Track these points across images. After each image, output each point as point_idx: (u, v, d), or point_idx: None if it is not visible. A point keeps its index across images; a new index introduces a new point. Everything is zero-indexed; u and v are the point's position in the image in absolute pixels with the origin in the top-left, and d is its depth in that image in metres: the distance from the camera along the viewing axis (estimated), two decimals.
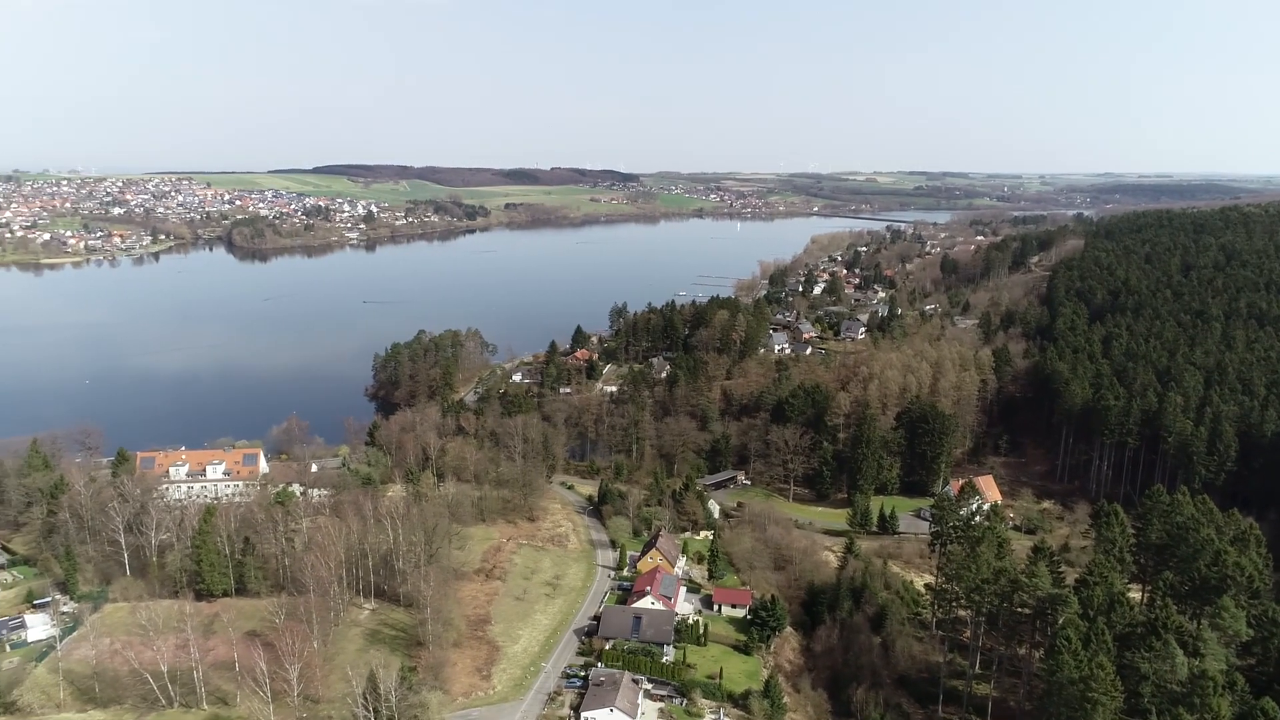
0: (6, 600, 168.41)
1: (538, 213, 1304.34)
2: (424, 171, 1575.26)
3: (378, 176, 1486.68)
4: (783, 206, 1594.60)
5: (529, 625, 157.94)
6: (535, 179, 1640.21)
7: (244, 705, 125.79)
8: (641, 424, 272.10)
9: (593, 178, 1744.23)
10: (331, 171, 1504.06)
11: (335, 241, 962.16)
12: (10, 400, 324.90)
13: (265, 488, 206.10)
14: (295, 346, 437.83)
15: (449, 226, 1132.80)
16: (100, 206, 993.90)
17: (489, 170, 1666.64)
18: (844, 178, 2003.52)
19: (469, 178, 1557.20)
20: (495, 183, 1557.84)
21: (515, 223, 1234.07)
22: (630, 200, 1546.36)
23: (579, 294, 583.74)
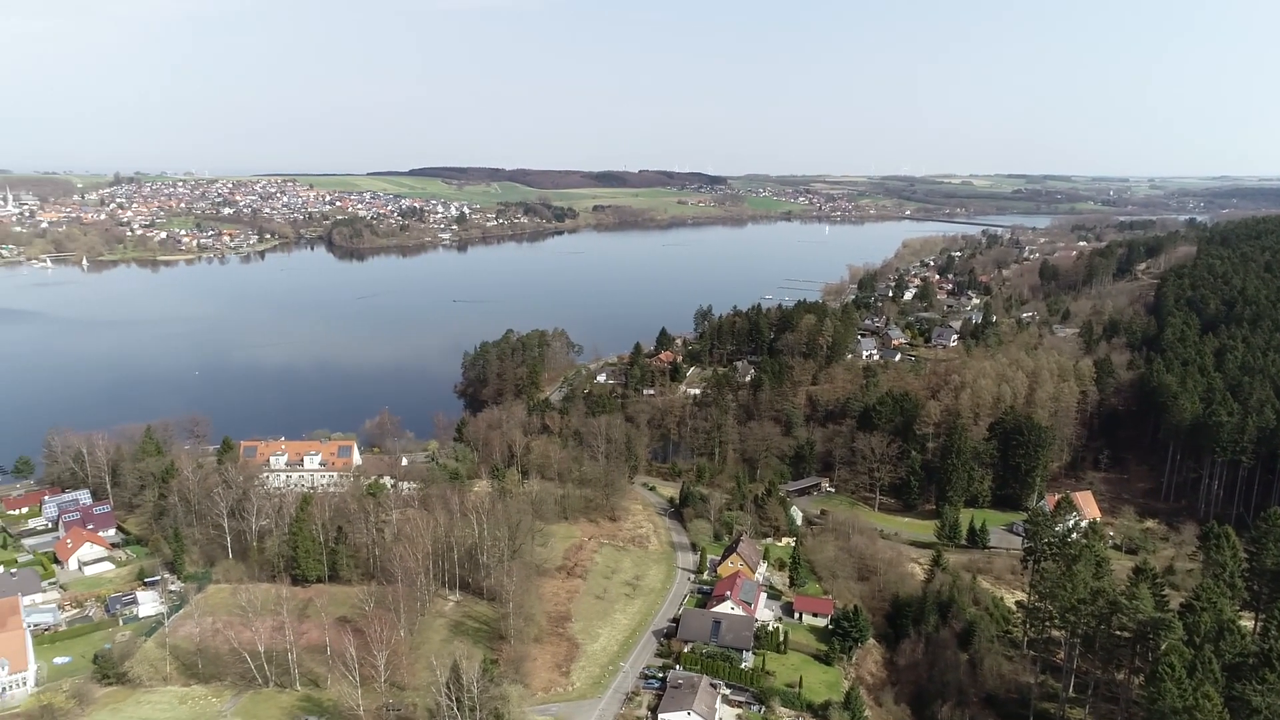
0: (120, 577, 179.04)
1: (625, 215, 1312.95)
2: (515, 174, 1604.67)
3: (470, 179, 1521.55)
4: (873, 210, 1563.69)
5: (608, 624, 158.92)
6: (623, 181, 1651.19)
7: (334, 688, 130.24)
8: (725, 427, 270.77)
9: (680, 180, 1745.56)
10: (426, 174, 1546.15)
11: (429, 242, 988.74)
12: (128, 390, 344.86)
13: (358, 479, 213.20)
14: (388, 343, 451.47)
15: (538, 228, 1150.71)
16: (212, 207, 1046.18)
17: (578, 173, 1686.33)
18: (938, 181, 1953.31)
19: (558, 180, 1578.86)
20: (584, 185, 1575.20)
21: (603, 224, 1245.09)
22: (718, 203, 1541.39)
23: (664, 296, 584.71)
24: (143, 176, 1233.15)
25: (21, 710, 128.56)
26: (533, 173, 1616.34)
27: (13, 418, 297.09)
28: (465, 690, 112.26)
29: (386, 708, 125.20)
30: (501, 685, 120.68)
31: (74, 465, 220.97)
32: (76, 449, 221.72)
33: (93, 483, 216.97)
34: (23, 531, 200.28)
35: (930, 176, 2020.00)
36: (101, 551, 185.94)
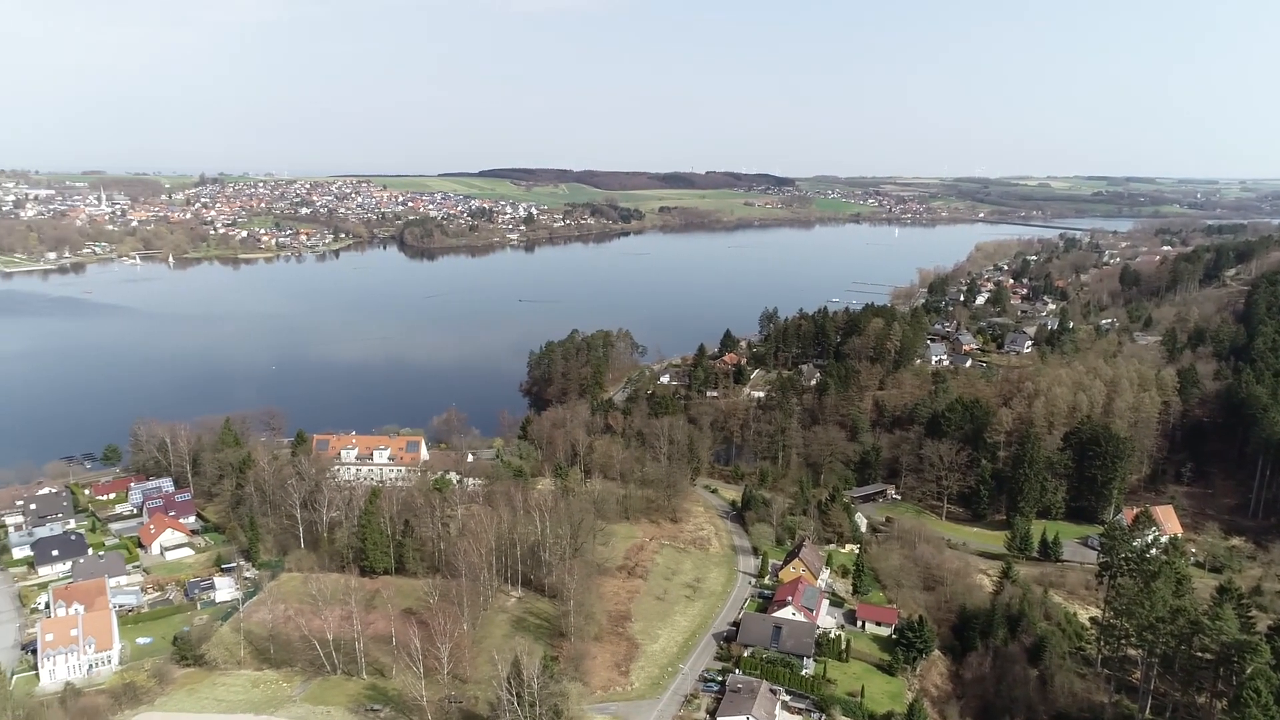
0: (199, 563, 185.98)
1: (691, 216, 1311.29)
2: (582, 175, 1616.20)
3: (539, 180, 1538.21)
4: (945, 212, 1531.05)
5: (668, 625, 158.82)
6: (690, 183, 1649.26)
7: (399, 678, 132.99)
8: (789, 431, 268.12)
9: (747, 181, 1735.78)
10: (496, 175, 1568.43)
11: (497, 242, 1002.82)
12: (209, 382, 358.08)
13: (425, 474, 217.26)
14: (456, 342, 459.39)
15: (604, 229, 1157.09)
16: (290, 206, 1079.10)
17: (645, 174, 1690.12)
18: (1014, 183, 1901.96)
19: (625, 181, 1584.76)
20: (650, 186, 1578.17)
21: (668, 226, 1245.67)
22: (785, 204, 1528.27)
23: (729, 298, 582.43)
24: (226, 177, 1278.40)
25: (107, 687, 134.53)
26: (600, 174, 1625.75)
27: (103, 407, 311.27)
28: (526, 686, 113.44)
29: (449, 699, 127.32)
30: (561, 682, 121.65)
31: (158, 454, 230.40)
32: (160, 438, 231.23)
33: (175, 471, 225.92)
34: (110, 516, 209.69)
35: (1006, 178, 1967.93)
36: (182, 538, 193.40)
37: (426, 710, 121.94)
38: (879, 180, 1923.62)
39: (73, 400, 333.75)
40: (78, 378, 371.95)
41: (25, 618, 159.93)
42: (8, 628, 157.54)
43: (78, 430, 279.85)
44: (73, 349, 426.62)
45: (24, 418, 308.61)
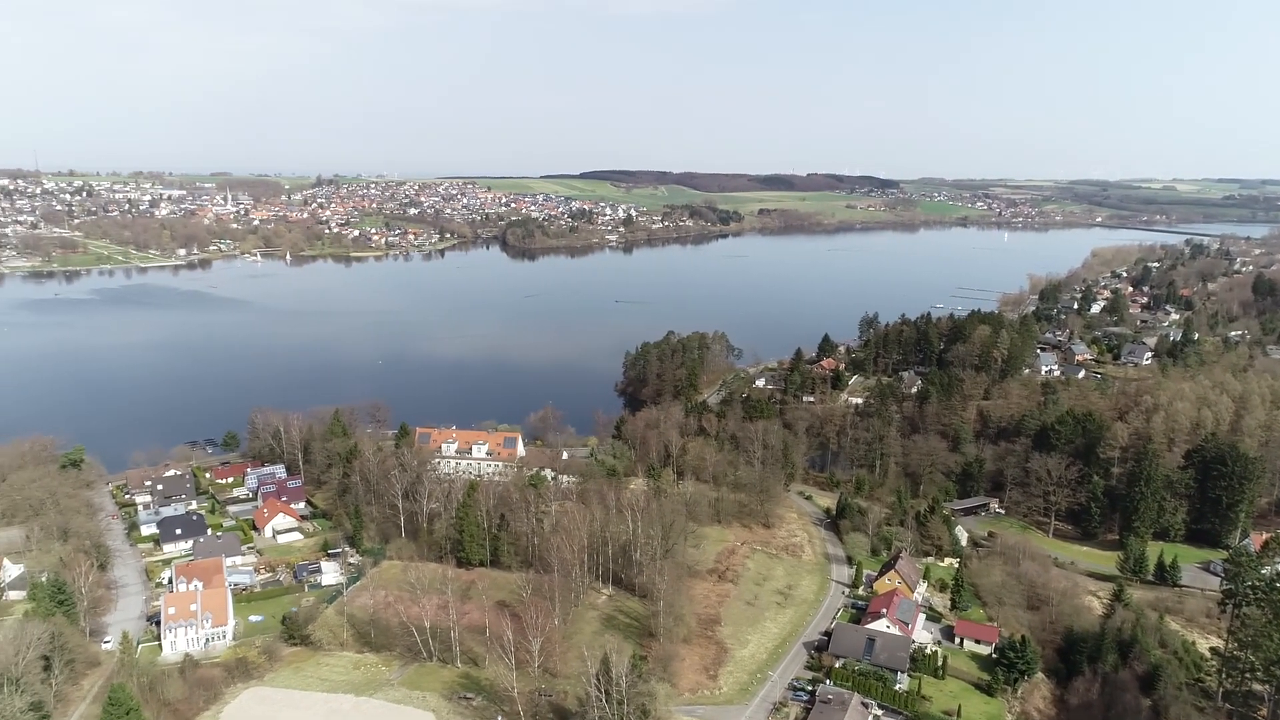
0: (307, 547, 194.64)
1: (791, 218, 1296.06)
2: (682, 177, 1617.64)
3: (638, 182, 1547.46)
4: (1059, 216, 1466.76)
5: (758, 631, 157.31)
6: (790, 185, 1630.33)
7: (491, 669, 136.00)
8: (887, 439, 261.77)
9: (850, 184, 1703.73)
10: (596, 177, 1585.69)
11: (596, 243, 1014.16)
12: (320, 374, 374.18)
13: (521, 470, 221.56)
14: (554, 340, 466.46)
15: (702, 231, 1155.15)
16: (400, 207, 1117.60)
17: (745, 176, 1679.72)
18: (1135, 185, 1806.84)
19: (725, 183, 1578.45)
20: (750, 188, 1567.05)
21: (768, 228, 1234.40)
22: (888, 207, 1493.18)
23: (827, 302, 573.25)
24: (340, 179, 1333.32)
25: (221, 660, 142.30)
26: (699, 176, 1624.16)
27: (224, 395, 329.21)
28: (614, 683, 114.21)
29: (539, 692, 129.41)
30: (649, 682, 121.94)
31: (272, 442, 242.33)
32: (275, 427, 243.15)
33: (287, 458, 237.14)
34: (228, 499, 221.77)
35: (1126, 181, 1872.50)
36: (292, 522, 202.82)
37: (517, 701, 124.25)
38: (988, 183, 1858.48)
39: (197, 388, 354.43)
40: (202, 367, 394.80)
41: (150, 591, 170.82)
42: (135, 600, 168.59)
43: (201, 416, 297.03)
44: (198, 340, 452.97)
45: (154, 403, 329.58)
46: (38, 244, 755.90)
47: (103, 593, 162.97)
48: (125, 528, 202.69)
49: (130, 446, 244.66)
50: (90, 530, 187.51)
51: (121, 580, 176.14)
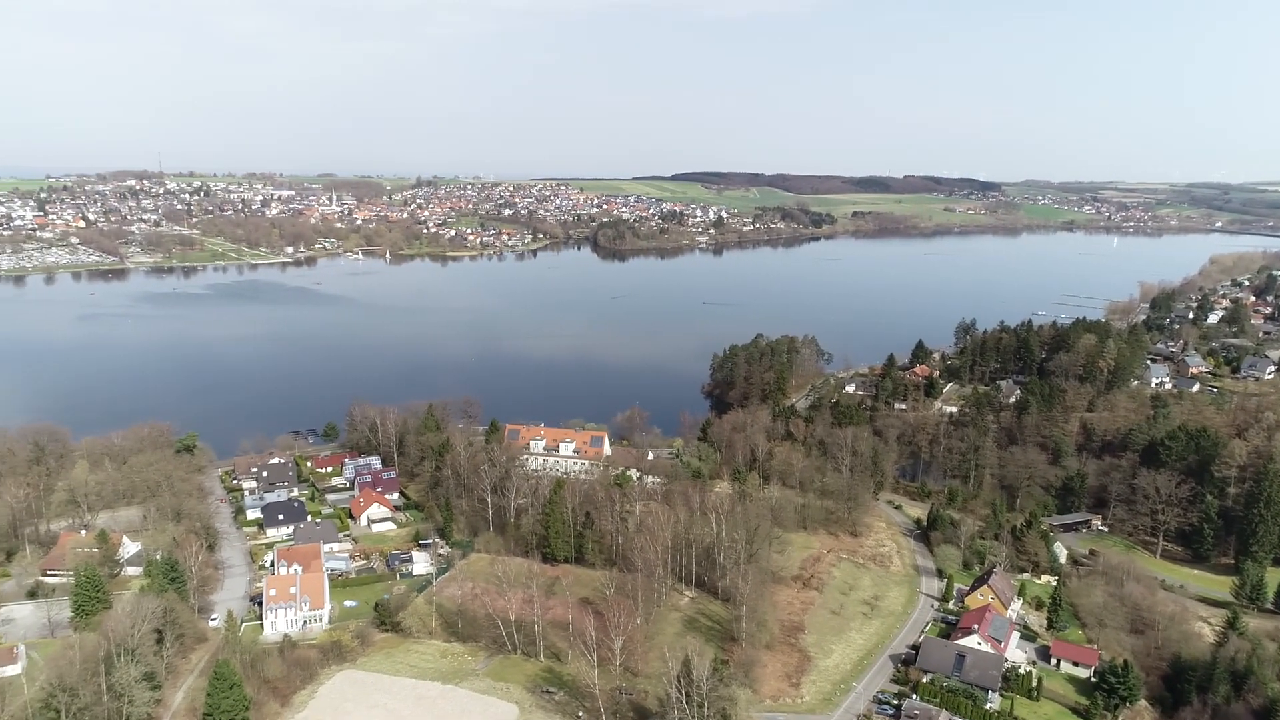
0: (400, 536, 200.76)
1: (886, 221, 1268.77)
2: (774, 179, 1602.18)
3: (730, 183, 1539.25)
4: (1174, 221, 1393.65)
5: (843, 641, 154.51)
6: (886, 187, 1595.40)
7: (573, 664, 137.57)
8: (983, 450, 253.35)
9: (948, 186, 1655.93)
10: (688, 178, 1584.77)
11: (685, 245, 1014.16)
12: (416, 369, 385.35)
13: (607, 469, 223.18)
14: (641, 341, 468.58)
15: (794, 233, 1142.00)
16: (494, 208, 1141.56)
17: (839, 178, 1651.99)
18: (1260, 188, 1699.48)
19: (818, 185, 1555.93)
20: (844, 190, 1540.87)
21: (861, 231, 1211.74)
22: (989, 210, 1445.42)
23: (922, 307, 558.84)
24: (439, 180, 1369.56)
25: (317, 642, 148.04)
26: (792, 178, 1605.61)
27: (325, 388, 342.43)
28: (695, 686, 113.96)
29: (620, 690, 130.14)
30: (730, 686, 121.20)
31: (369, 434, 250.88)
32: (372, 420, 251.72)
33: (383, 450, 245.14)
34: (327, 488, 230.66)
35: (1250, 184, 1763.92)
36: (386, 512, 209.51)
37: (598, 698, 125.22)
38: (1097, 186, 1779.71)
39: (301, 380, 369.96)
40: (306, 360, 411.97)
41: (254, 573, 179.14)
42: (240, 580, 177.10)
43: (304, 408, 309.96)
44: (303, 334, 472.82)
45: (261, 394, 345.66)
46: (160, 241, 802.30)
47: (210, 572, 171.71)
48: (232, 511, 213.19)
49: (238, 434, 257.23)
50: (201, 513, 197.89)
51: (228, 561, 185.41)
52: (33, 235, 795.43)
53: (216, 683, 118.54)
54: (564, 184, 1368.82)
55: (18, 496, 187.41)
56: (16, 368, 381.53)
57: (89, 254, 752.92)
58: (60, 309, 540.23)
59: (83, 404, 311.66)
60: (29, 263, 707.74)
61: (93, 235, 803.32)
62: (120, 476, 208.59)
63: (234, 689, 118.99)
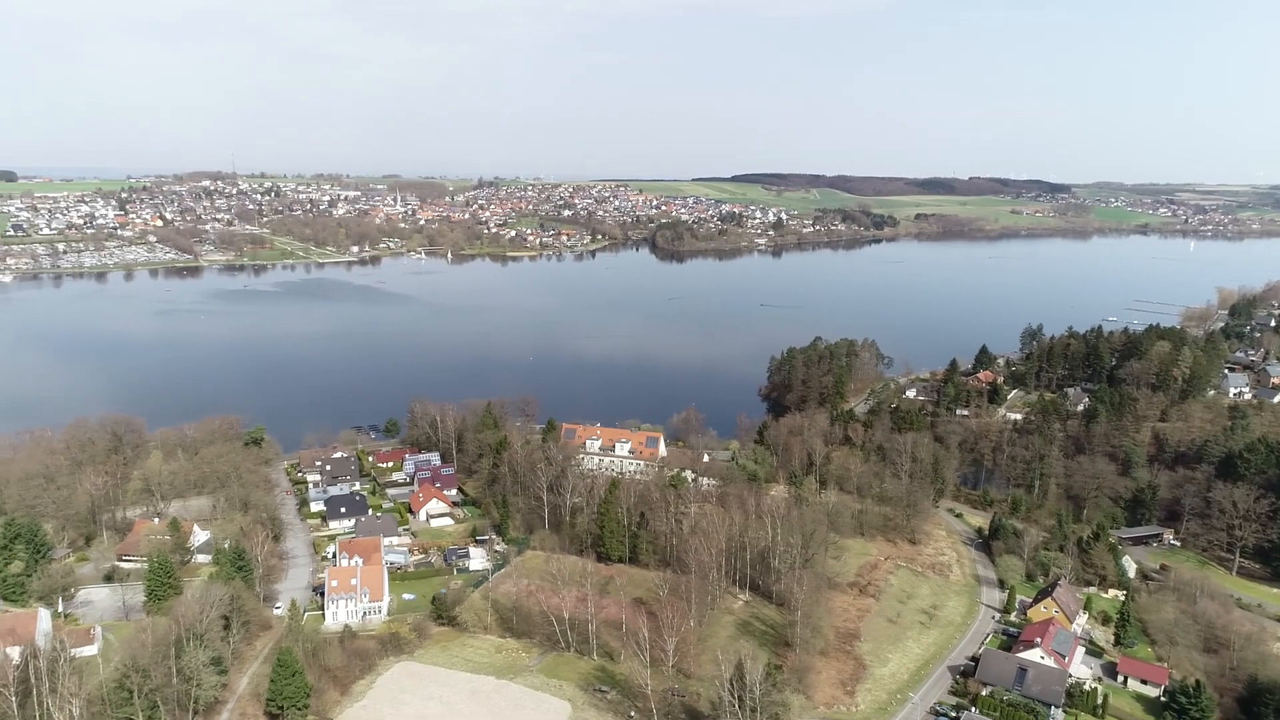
0: (458, 532, 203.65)
1: (950, 224, 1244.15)
2: (835, 180, 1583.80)
3: (790, 185, 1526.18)
4: (1257, 224, 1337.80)
5: (899, 650, 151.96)
6: (951, 189, 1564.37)
7: (626, 664, 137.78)
8: (1048, 458, 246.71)
9: (1016, 188, 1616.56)
10: (747, 180, 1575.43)
11: (744, 246, 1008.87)
12: (475, 368, 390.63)
13: (662, 470, 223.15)
14: (697, 343, 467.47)
15: (854, 235, 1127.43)
16: (554, 209, 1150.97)
17: (901, 180, 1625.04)
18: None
19: (880, 187, 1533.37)
20: (907, 192, 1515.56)
21: (924, 234, 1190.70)
22: (1058, 213, 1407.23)
23: (987, 311, 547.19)
24: (500, 181, 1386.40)
25: (376, 633, 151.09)
26: (853, 179, 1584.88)
27: (387, 384, 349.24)
28: (748, 690, 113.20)
29: (672, 691, 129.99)
30: (784, 692, 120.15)
31: (429, 430, 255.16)
32: (432, 416, 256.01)
33: (442, 447, 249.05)
34: (387, 482, 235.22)
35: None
36: (444, 508, 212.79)
37: (650, 699, 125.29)
38: (1173, 188, 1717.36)
39: (364, 376, 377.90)
40: (369, 357, 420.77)
41: (316, 564, 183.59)
42: (303, 571, 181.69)
43: (366, 403, 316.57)
44: (366, 331, 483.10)
45: (326, 389, 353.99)
46: (232, 239, 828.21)
47: (275, 562, 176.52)
48: (297, 503, 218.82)
49: (303, 428, 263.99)
50: (267, 504, 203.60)
51: (292, 552, 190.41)
52: (114, 234, 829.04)
53: (280, 670, 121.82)
54: (623, 185, 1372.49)
55: (96, 484, 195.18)
56: (98, 361, 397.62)
57: (166, 252, 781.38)
58: (138, 304, 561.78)
59: (158, 396, 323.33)
60: (110, 260, 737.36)
61: (169, 234, 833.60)
62: (192, 467, 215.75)
63: (296, 676, 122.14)
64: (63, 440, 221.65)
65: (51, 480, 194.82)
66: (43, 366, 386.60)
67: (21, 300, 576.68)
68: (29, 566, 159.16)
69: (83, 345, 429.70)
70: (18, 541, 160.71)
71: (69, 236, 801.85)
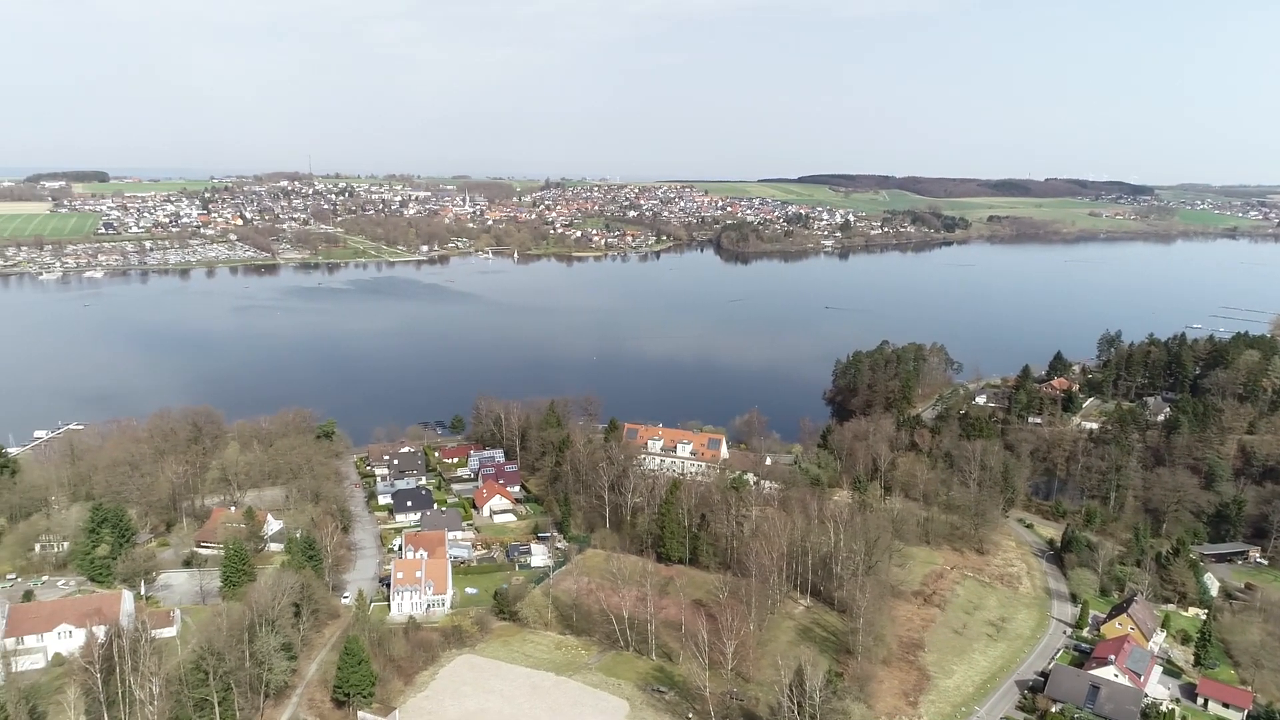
0: (520, 529, 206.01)
1: (1024, 226, 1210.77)
2: (905, 182, 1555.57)
3: (858, 186, 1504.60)
4: None
5: (965, 662, 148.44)
6: (1026, 190, 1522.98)
7: (684, 665, 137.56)
8: (1126, 470, 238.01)
9: (1094, 190, 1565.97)
10: (815, 181, 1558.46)
11: (810, 248, 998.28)
12: (539, 367, 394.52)
13: (723, 472, 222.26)
14: (761, 345, 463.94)
15: (924, 238, 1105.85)
16: (620, 209, 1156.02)
17: (974, 181, 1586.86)
18: None
19: (951, 188, 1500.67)
20: (980, 194, 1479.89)
21: (997, 236, 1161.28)
22: (1139, 215, 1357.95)
23: (1062, 317, 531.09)
24: (566, 182, 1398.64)
25: (439, 626, 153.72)
26: (924, 180, 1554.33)
27: (453, 381, 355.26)
28: (808, 696, 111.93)
29: (730, 695, 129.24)
30: (844, 700, 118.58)
31: (493, 427, 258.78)
32: (496, 414, 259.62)
33: (506, 444, 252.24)
34: (452, 478, 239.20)
35: None
36: (507, 504, 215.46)
37: (709, 701, 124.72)
38: (1265, 189, 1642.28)
39: (431, 373, 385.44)
40: (436, 354, 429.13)
41: (383, 556, 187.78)
42: (370, 562, 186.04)
43: (433, 400, 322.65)
44: (434, 329, 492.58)
45: (394, 385, 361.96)
46: (307, 238, 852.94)
47: (344, 553, 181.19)
48: (365, 496, 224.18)
49: (372, 423, 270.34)
50: (337, 496, 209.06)
51: (359, 543, 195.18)
52: (197, 232, 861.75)
53: (347, 658, 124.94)
54: (689, 186, 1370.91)
55: (178, 473, 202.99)
56: (181, 354, 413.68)
57: (245, 250, 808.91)
58: (218, 301, 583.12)
59: (236, 389, 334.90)
60: (193, 257, 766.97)
61: (249, 232, 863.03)
62: (266, 458, 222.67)
63: (362, 665, 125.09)
64: (147, 430, 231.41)
65: (136, 468, 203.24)
66: (130, 359, 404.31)
67: (111, 295, 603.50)
68: (114, 550, 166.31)
69: (167, 339, 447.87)
70: (104, 525, 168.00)
71: (155, 234, 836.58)
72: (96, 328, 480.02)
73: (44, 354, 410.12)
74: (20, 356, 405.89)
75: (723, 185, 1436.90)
